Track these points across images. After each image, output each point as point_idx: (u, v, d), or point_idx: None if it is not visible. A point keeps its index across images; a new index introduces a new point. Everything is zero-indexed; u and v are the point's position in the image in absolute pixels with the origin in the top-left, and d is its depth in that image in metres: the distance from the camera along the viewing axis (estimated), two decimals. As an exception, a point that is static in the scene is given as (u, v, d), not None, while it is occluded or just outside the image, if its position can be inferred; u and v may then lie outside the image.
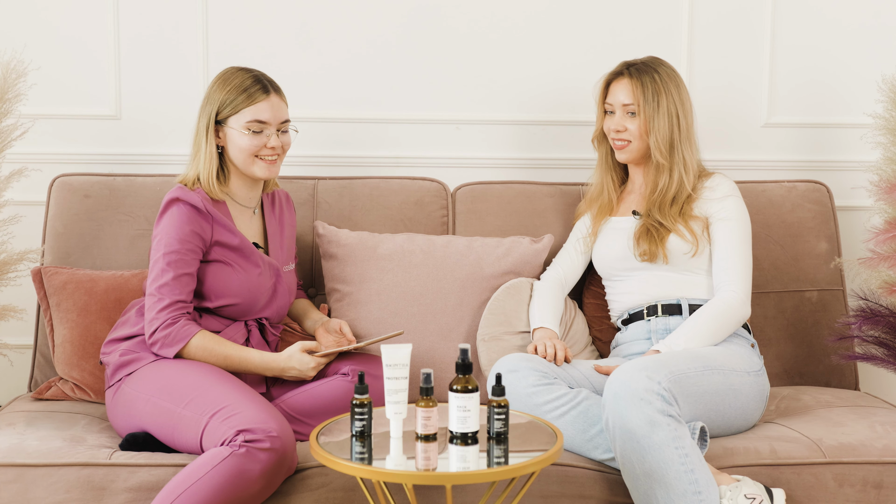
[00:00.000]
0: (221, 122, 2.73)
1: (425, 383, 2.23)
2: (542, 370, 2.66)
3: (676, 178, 2.90)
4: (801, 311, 3.20)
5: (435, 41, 3.38)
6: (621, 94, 2.92)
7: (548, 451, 2.24)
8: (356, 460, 2.23)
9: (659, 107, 2.88)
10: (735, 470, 2.58)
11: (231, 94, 2.72)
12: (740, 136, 3.45)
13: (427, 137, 3.41)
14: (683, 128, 2.90)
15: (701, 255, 2.88)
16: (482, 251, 3.07)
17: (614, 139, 2.95)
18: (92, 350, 2.93)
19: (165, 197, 2.72)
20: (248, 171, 2.76)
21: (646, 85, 2.89)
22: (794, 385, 3.17)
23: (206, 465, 2.38)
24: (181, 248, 2.67)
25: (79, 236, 3.13)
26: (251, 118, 2.72)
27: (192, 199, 2.70)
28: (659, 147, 2.89)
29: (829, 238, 3.24)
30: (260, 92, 2.74)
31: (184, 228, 2.68)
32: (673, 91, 2.90)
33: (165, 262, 2.66)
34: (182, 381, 2.58)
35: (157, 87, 3.35)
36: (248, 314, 2.79)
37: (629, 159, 2.97)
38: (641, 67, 2.92)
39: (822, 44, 3.43)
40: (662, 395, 2.48)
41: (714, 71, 3.42)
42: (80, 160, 3.32)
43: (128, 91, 3.34)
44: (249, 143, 2.73)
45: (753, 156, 3.45)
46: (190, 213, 2.69)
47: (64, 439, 2.60)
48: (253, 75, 2.76)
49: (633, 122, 2.92)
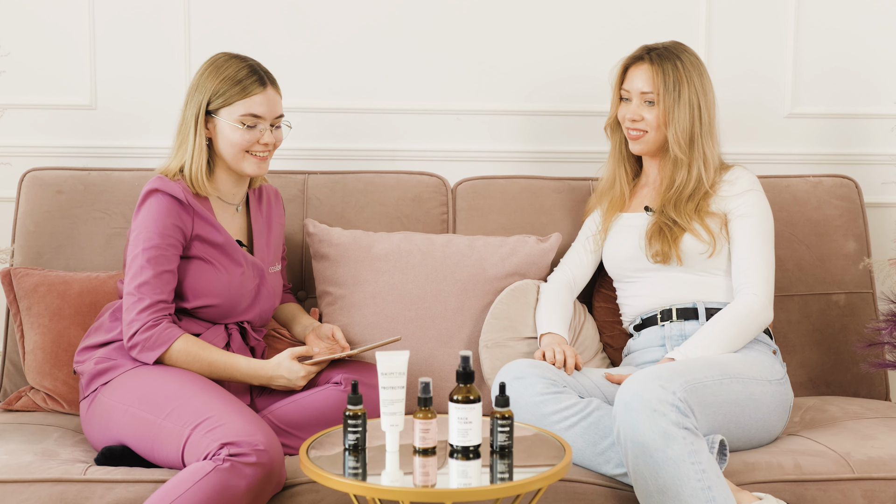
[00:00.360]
0: (211, 113, 2.72)
1: (424, 393, 2.23)
2: (551, 378, 2.66)
3: (695, 175, 2.89)
4: (828, 316, 3.20)
5: (434, 25, 3.39)
6: (640, 81, 2.91)
7: (555, 466, 2.23)
8: (349, 476, 2.22)
9: (680, 97, 2.87)
10: (757, 487, 2.57)
11: (224, 84, 2.71)
12: (762, 127, 3.45)
13: (426, 129, 3.41)
14: (705, 121, 2.89)
15: (719, 255, 2.87)
16: (485, 251, 3.06)
17: (629, 128, 2.94)
18: (65, 357, 2.92)
19: (144, 188, 2.71)
20: (237, 167, 2.75)
21: (667, 72, 2.88)
22: (820, 395, 3.18)
23: (188, 481, 2.37)
24: (161, 243, 2.66)
25: (51, 235, 3.12)
26: (245, 112, 2.71)
27: (173, 189, 2.68)
28: (678, 140, 2.88)
29: (857, 237, 3.23)
30: (256, 84, 2.72)
31: (164, 221, 2.67)
32: (696, 80, 2.89)
33: (145, 258, 2.65)
34: (162, 390, 2.57)
35: (135, 74, 3.34)
36: (229, 317, 2.78)
37: (643, 151, 2.96)
38: (663, 53, 2.91)
39: (850, 27, 3.42)
40: (678, 405, 2.47)
41: (734, 57, 3.42)
42: (53, 153, 3.32)
43: (104, 79, 3.34)
44: (241, 138, 2.72)
45: (776, 148, 3.45)
46: (170, 205, 2.68)
47: (35, 453, 2.60)
48: (248, 65, 2.75)
49: (651, 111, 2.90)
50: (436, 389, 2.92)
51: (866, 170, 3.42)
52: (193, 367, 2.65)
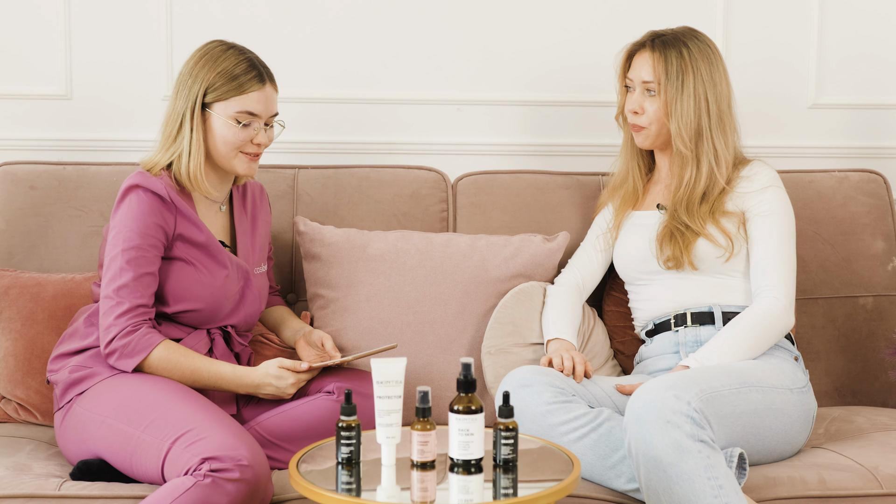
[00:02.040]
0: (205, 107, 2.71)
1: (422, 403, 2.23)
2: (559, 386, 2.65)
3: (705, 171, 2.88)
4: (855, 321, 3.19)
5: (434, 9, 3.40)
6: (641, 70, 2.91)
7: (563, 482, 2.23)
8: (342, 491, 2.22)
9: (684, 87, 2.86)
10: (778, 503, 2.56)
11: (221, 77, 2.71)
12: (784, 118, 3.47)
13: (424, 120, 3.42)
14: (714, 113, 2.88)
15: (737, 257, 2.87)
16: (487, 251, 3.05)
17: (631, 122, 2.93)
18: (38, 365, 2.92)
19: (124, 183, 2.71)
20: (227, 165, 2.75)
21: (669, 60, 2.87)
22: (846, 405, 3.18)
23: (167, 498, 2.37)
24: (142, 244, 2.65)
25: (24, 234, 3.12)
26: (240, 109, 2.71)
27: (155, 185, 2.68)
28: (681, 134, 2.87)
29: (886, 236, 3.23)
30: (255, 80, 2.72)
31: (145, 220, 2.66)
32: (703, 69, 2.87)
33: (124, 259, 2.64)
34: (141, 400, 2.57)
35: (113, 60, 3.35)
36: (212, 321, 2.77)
37: (647, 144, 2.96)
38: (669, 40, 2.90)
39: (877, 9, 3.41)
40: (693, 416, 2.46)
41: (754, 42, 3.42)
42: (26, 146, 3.34)
43: (80, 65, 3.34)
44: (234, 136, 2.71)
45: (799, 141, 3.46)
46: (152, 202, 2.67)
47: (6, 467, 2.60)
48: (247, 58, 2.74)
49: (653, 102, 2.90)
50: (435, 399, 2.92)
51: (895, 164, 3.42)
52: (175, 374, 2.64)
